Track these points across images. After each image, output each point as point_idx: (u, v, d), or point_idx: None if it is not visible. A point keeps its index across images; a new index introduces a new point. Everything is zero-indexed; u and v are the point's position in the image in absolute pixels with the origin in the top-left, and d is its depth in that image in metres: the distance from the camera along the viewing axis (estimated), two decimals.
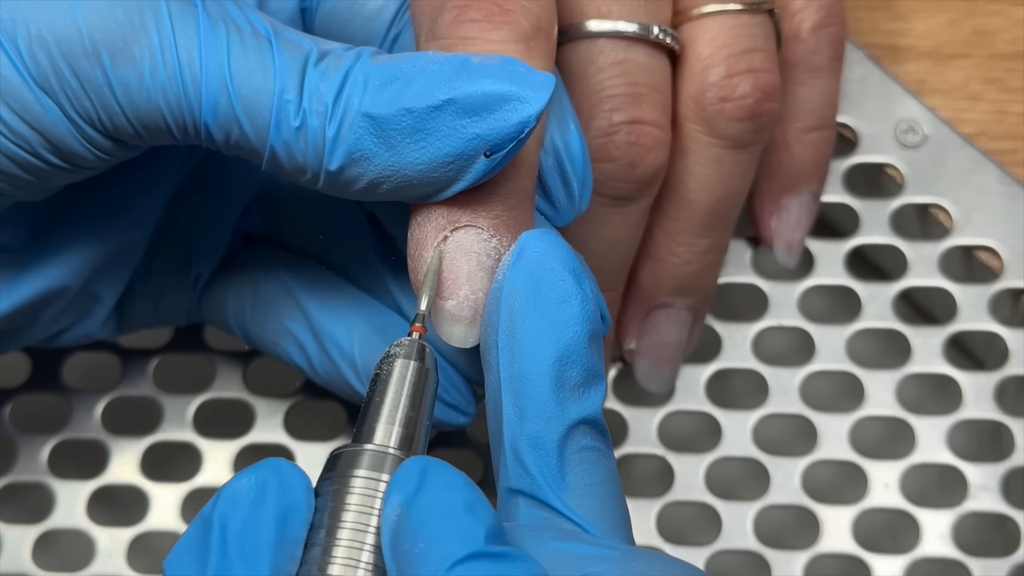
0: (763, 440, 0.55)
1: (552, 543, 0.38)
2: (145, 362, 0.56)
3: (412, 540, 0.36)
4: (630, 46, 0.49)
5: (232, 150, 0.42)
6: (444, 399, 0.47)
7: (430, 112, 0.40)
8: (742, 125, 0.50)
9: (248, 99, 0.40)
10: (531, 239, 0.41)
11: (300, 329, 0.49)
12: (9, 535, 0.54)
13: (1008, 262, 0.56)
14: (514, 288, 0.40)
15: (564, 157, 0.44)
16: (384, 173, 0.41)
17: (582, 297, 0.40)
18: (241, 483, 0.38)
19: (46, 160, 0.42)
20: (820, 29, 0.54)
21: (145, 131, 0.41)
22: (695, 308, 0.54)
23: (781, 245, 0.55)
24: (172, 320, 0.52)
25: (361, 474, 0.38)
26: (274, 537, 0.37)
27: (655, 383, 0.55)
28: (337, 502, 0.38)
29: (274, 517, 0.37)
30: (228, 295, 0.51)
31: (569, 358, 0.40)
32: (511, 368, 0.40)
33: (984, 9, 0.60)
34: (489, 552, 0.36)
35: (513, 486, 0.40)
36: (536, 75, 0.40)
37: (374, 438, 0.39)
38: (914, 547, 0.54)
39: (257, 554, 0.37)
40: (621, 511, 0.40)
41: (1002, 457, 0.55)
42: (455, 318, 0.42)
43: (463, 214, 0.42)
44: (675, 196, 0.51)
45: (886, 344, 0.56)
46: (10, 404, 0.55)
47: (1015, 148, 0.58)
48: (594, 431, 0.40)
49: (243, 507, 0.37)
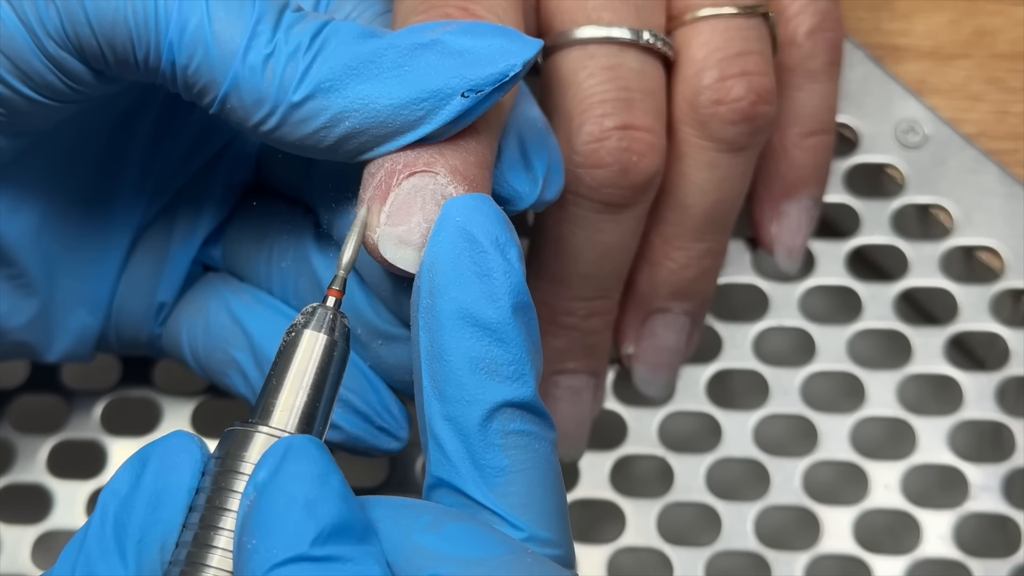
0: (763, 440, 0.55)
1: (417, 536, 0.37)
2: (145, 363, 0.56)
3: (248, 534, 0.36)
4: (621, 51, 0.49)
5: (186, 82, 0.41)
6: (375, 422, 0.46)
7: (415, 48, 0.40)
8: (737, 128, 0.50)
9: (222, 20, 0.40)
10: (453, 207, 0.40)
11: (244, 357, 0.48)
12: (8, 535, 0.54)
13: (1009, 262, 0.56)
14: (434, 260, 0.39)
15: (526, 139, 0.43)
16: (350, 107, 0.40)
17: (506, 269, 0.39)
18: (128, 464, 0.38)
19: (12, 87, 0.41)
20: (816, 33, 0.53)
21: (109, 49, 0.41)
22: (693, 313, 0.54)
23: (782, 251, 0.55)
24: (129, 350, 0.52)
25: (235, 454, 0.38)
26: (143, 520, 0.37)
27: (654, 388, 0.55)
28: (214, 484, 0.38)
29: (146, 501, 0.37)
30: (182, 327, 0.50)
31: (491, 336, 0.39)
32: (430, 347, 0.39)
33: (985, 9, 0.60)
34: (312, 556, 0.35)
35: (434, 472, 0.39)
36: (525, 36, 0.41)
37: (267, 417, 0.38)
38: (915, 548, 0.54)
39: (125, 538, 0.37)
40: (551, 499, 0.39)
41: (1003, 458, 0.54)
42: (404, 242, 0.40)
43: (420, 161, 0.41)
44: (671, 200, 0.51)
45: (887, 344, 0.56)
46: (9, 405, 0.55)
47: (1016, 148, 0.58)
48: (526, 414, 0.39)
49: (122, 490, 0.38)
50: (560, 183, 0.45)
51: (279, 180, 0.50)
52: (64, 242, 0.48)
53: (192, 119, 0.49)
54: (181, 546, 0.37)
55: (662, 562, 0.54)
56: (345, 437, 0.46)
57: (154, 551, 0.37)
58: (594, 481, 0.55)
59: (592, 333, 0.52)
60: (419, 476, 0.55)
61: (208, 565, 0.37)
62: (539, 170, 0.44)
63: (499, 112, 0.42)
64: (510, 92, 0.41)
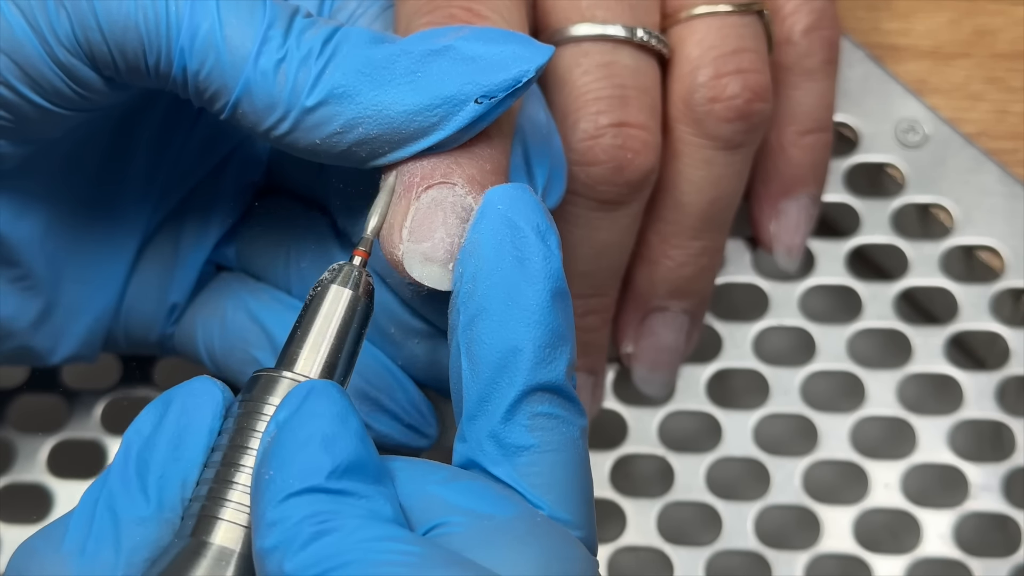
0: (763, 440, 0.55)
1: (432, 487, 0.38)
2: (145, 363, 0.56)
3: (267, 466, 0.37)
4: (616, 49, 0.49)
5: (198, 88, 0.41)
6: (403, 420, 0.47)
7: (428, 55, 0.40)
8: (732, 126, 0.50)
9: (233, 26, 0.40)
10: (495, 195, 0.40)
11: (266, 356, 0.48)
12: (8, 535, 0.54)
13: (1009, 262, 0.56)
14: (476, 246, 0.39)
15: (530, 144, 0.44)
16: (364, 113, 0.40)
17: (546, 255, 0.39)
18: (152, 406, 0.39)
19: (21, 94, 0.41)
20: (812, 32, 0.53)
21: (120, 55, 0.41)
22: (691, 311, 0.54)
23: (781, 249, 0.55)
24: (138, 349, 0.52)
25: (259, 397, 0.38)
26: (165, 458, 0.38)
27: (653, 387, 0.55)
28: (237, 425, 0.38)
29: (168, 440, 0.38)
30: (197, 327, 0.50)
31: (528, 319, 0.39)
32: (469, 330, 0.39)
33: (985, 8, 0.60)
34: (326, 488, 0.36)
35: (462, 452, 0.39)
36: (537, 41, 0.41)
37: (291, 364, 0.39)
38: (915, 547, 0.54)
39: (147, 475, 0.38)
40: (576, 482, 0.39)
41: (1003, 457, 0.54)
42: (430, 259, 0.40)
43: (437, 172, 0.41)
44: (667, 199, 0.51)
45: (887, 344, 0.56)
46: (9, 405, 0.55)
47: (1016, 148, 0.58)
48: (556, 397, 0.39)
49: (145, 430, 0.39)
50: (561, 190, 0.45)
51: (292, 181, 0.50)
52: (70, 245, 0.48)
53: (200, 121, 0.49)
54: (202, 483, 0.38)
55: (662, 562, 0.54)
56: (374, 435, 0.46)
57: (175, 487, 0.38)
58: (594, 481, 0.54)
59: (589, 331, 0.52)
60: None
61: (228, 500, 0.38)
62: (539, 177, 0.44)
63: (511, 116, 0.43)
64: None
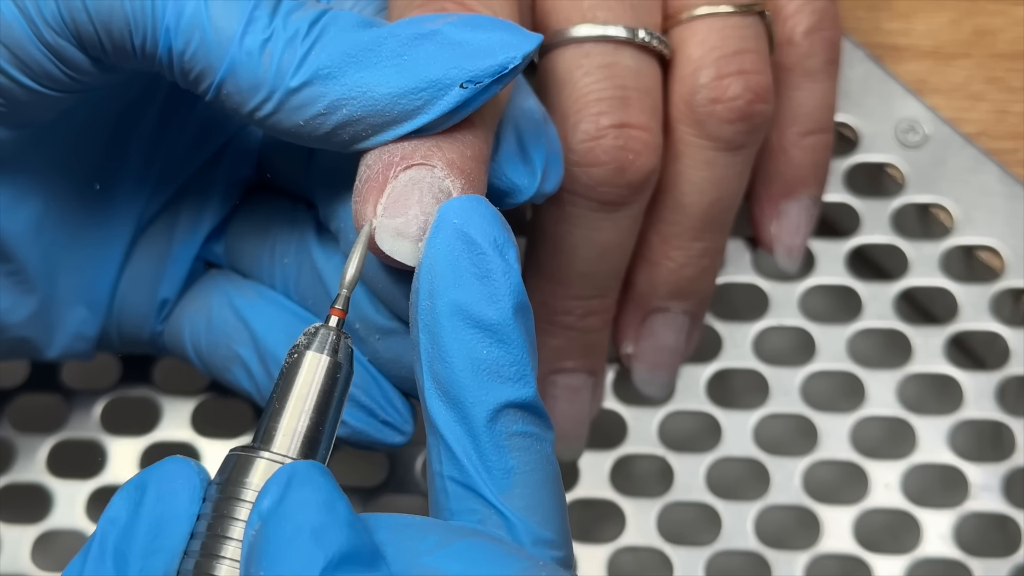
0: (763, 440, 0.55)
1: (424, 558, 0.36)
2: (145, 362, 0.56)
3: (257, 564, 0.35)
4: (617, 50, 0.48)
5: (183, 68, 0.41)
6: (379, 416, 0.46)
7: (415, 38, 0.40)
8: (734, 127, 0.50)
9: (219, 6, 0.40)
10: (450, 208, 0.39)
11: (248, 352, 0.48)
12: (8, 535, 0.54)
13: (1009, 262, 0.56)
14: (432, 263, 0.39)
15: (524, 131, 0.43)
16: (348, 94, 0.40)
17: (505, 270, 0.39)
18: (124, 491, 0.37)
19: (11, 76, 0.41)
20: (813, 33, 0.53)
21: (106, 35, 0.41)
22: (692, 312, 0.54)
23: (781, 250, 0.55)
24: (131, 347, 0.52)
25: (237, 480, 0.37)
26: (144, 549, 0.37)
27: (653, 388, 0.55)
28: (216, 511, 0.37)
29: (146, 529, 0.37)
30: (185, 324, 0.50)
31: (492, 336, 0.38)
32: (431, 348, 0.39)
33: (985, 8, 0.60)
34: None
35: (444, 471, 0.39)
36: (525, 30, 0.41)
37: (269, 442, 0.38)
38: (915, 547, 0.54)
39: (127, 568, 0.36)
40: (554, 500, 0.39)
41: (1003, 457, 0.54)
42: (402, 234, 0.40)
43: (418, 153, 0.40)
44: (668, 200, 0.51)
45: (887, 344, 0.56)
46: (9, 404, 0.55)
47: (1016, 148, 0.58)
48: (527, 415, 0.39)
49: (120, 519, 0.37)
50: (560, 173, 0.45)
51: (281, 176, 0.50)
52: (64, 238, 0.48)
53: (194, 115, 0.49)
54: (183, 575, 0.37)
55: (662, 562, 0.54)
56: (349, 432, 0.46)
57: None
58: (594, 481, 0.55)
59: (590, 332, 0.52)
60: (419, 475, 0.55)
61: None
62: (537, 162, 0.44)
63: (495, 106, 0.42)
64: (507, 86, 0.41)
